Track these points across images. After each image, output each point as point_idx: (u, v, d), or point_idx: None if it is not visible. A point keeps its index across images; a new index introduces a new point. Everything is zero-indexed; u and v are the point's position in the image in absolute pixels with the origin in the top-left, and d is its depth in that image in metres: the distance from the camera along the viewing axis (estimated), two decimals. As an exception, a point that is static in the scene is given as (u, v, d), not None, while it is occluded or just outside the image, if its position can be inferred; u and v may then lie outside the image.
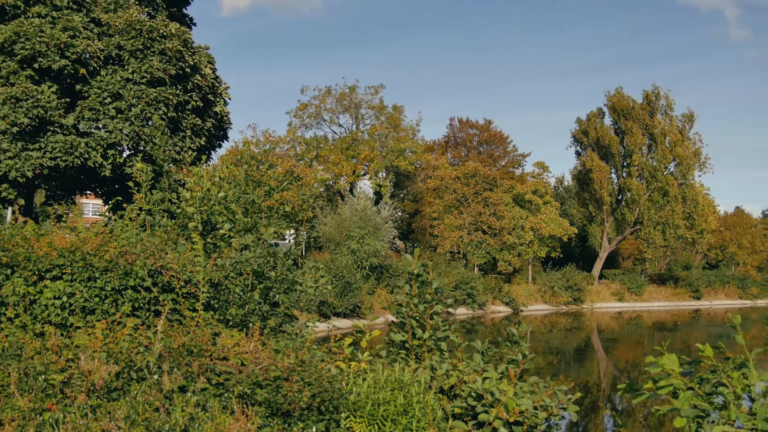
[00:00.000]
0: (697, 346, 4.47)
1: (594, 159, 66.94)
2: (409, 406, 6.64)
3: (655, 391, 4.49)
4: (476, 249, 57.62)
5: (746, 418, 4.11)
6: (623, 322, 55.36)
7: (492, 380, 7.19)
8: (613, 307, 65.19)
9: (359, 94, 58.45)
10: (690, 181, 67.43)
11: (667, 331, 48.19)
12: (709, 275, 76.44)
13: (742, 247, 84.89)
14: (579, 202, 72.03)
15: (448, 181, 58.85)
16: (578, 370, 31.16)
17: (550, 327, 49.00)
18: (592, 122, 69.28)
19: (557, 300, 60.62)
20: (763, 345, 4.52)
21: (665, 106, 68.09)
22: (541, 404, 7.29)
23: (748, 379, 4.42)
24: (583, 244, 76.41)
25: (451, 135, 77.82)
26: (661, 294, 71.31)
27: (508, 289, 57.54)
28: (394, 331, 8.62)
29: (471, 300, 51.39)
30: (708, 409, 4.36)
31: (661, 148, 66.35)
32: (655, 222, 65.96)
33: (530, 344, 37.37)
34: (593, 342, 42.49)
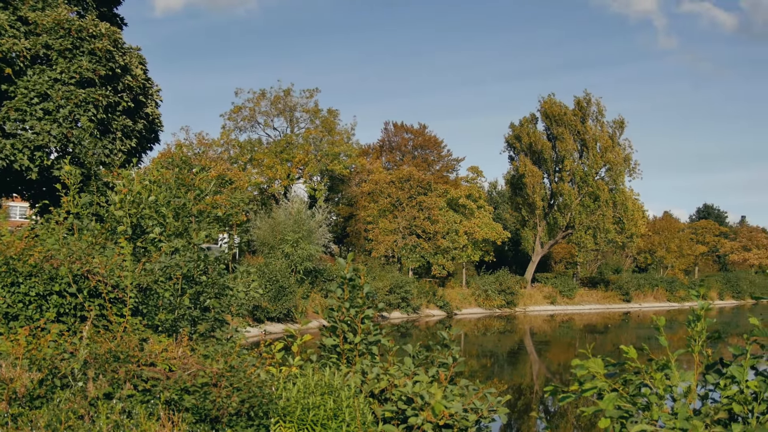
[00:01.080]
0: (621, 348, 4.54)
1: (527, 164, 67.70)
2: (339, 411, 6.61)
3: (581, 393, 4.54)
4: (411, 253, 57.80)
5: (668, 418, 4.19)
6: (555, 324, 56.10)
7: (422, 384, 7.21)
8: (545, 310, 65.99)
9: (294, 98, 58.24)
10: (620, 186, 68.64)
11: (598, 334, 48.97)
12: (638, 278, 77.92)
13: (670, 250, 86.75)
14: (512, 207, 72.75)
15: (382, 185, 58.93)
16: (511, 373, 31.45)
17: (483, 330, 49.38)
18: (525, 127, 70.02)
19: (491, 303, 61.12)
20: (685, 346, 4.60)
21: (596, 113, 69.24)
22: (471, 407, 7.33)
23: (670, 380, 4.49)
24: (516, 248, 77.21)
25: (386, 139, 78.03)
26: (592, 297, 72.44)
27: (442, 293, 57.82)
28: (326, 335, 8.59)
29: (405, 304, 51.50)
30: (631, 409, 4.43)
31: (592, 154, 67.43)
32: (586, 226, 67.01)
33: (464, 347, 37.80)
34: (526, 345, 42.95)
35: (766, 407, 4.24)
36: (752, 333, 4.41)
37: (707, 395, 4.57)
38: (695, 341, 4.58)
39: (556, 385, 4.66)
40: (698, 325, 4.58)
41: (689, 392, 4.51)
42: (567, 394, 4.55)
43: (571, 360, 4.71)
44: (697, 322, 4.58)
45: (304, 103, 58.31)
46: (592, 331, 50.81)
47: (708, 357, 4.61)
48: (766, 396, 4.21)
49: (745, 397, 4.26)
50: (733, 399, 4.28)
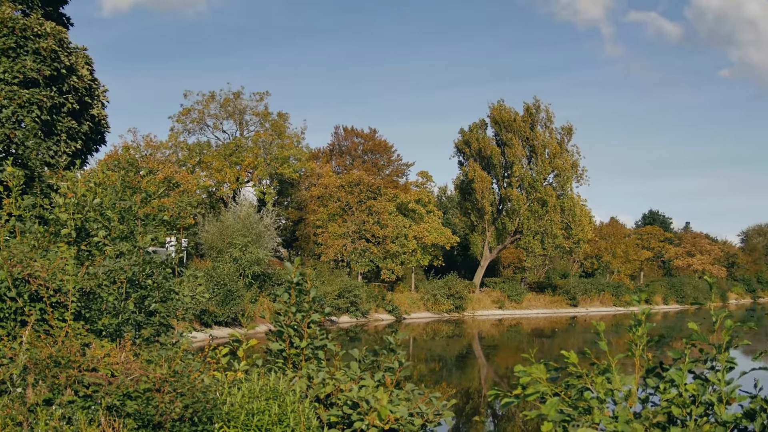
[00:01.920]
0: (563, 352, 4.58)
1: (476, 169, 68.09)
2: (284, 416, 6.58)
3: (524, 398, 4.58)
4: (360, 257, 57.79)
5: (608, 421, 4.23)
6: (503, 329, 56.54)
7: (368, 388, 7.20)
8: (493, 314, 66.44)
9: (244, 101, 57.88)
10: (568, 192, 69.36)
11: (546, 338, 49.45)
12: (585, 283, 78.85)
13: (617, 256, 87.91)
14: (461, 212, 73.11)
15: (332, 189, 58.87)
16: (460, 377, 31.61)
17: (432, 334, 49.58)
18: (474, 133, 70.43)
19: (439, 308, 61.37)
20: (625, 350, 4.66)
21: (545, 119, 69.92)
22: (417, 411, 7.35)
23: (611, 384, 4.55)
24: (465, 252, 77.63)
25: (336, 143, 77.98)
26: (540, 301, 73.11)
27: (391, 297, 57.92)
28: (272, 340, 8.55)
29: (354, 308, 51.48)
30: (573, 413, 4.47)
31: (540, 160, 68.07)
32: (534, 231, 67.60)
33: (413, 352, 37.86)
34: (474, 349, 43.19)
35: (704, 410, 4.31)
36: (691, 338, 4.48)
37: (648, 398, 4.63)
38: (636, 345, 4.64)
39: (499, 389, 4.69)
40: (639, 329, 4.64)
41: (630, 396, 4.57)
42: (510, 399, 4.58)
43: (519, 364, 4.75)
44: (638, 327, 4.64)
45: (254, 106, 58.02)
46: (539, 336, 51.27)
47: (648, 361, 4.68)
48: (704, 399, 4.28)
49: (684, 400, 4.32)
50: (672, 402, 4.34)
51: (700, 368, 4.53)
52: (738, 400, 4.31)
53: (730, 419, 4.16)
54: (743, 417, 4.17)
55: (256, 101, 57.94)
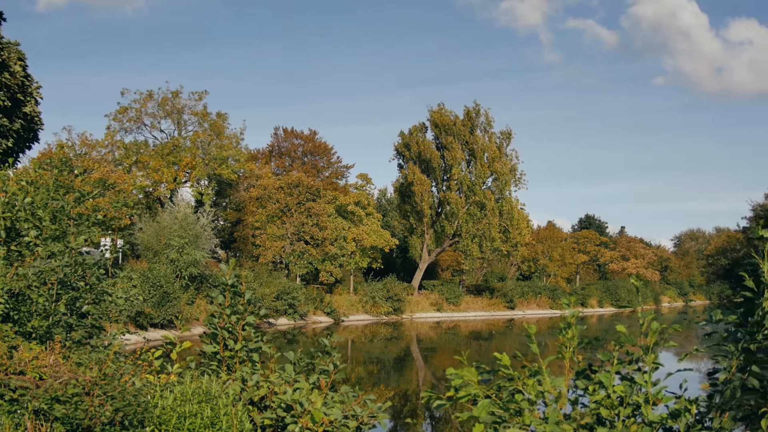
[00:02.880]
0: (494, 355, 4.62)
1: (415, 172, 68.26)
2: (217, 419, 6.51)
3: (456, 400, 4.60)
4: (298, 259, 57.53)
5: (539, 422, 4.28)
6: (441, 331, 56.80)
7: (303, 391, 7.18)
8: (432, 317, 66.70)
9: (182, 100, 57.17)
10: (506, 196, 69.94)
11: (483, 340, 49.81)
12: (522, 286, 79.66)
13: (553, 259, 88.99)
14: (401, 214, 73.25)
15: (271, 190, 58.49)
16: (398, 379, 31.65)
17: (370, 337, 49.58)
18: (414, 136, 70.60)
19: (378, 310, 61.40)
20: (552, 353, 4.71)
21: (485, 123, 70.42)
22: (352, 413, 7.34)
23: (542, 386, 4.59)
24: (404, 255, 77.82)
25: (276, 144, 77.57)
26: (478, 304, 73.63)
27: (329, 300, 57.76)
28: (206, 342, 8.46)
29: (293, 310, 51.22)
30: (504, 415, 4.50)
31: (479, 164, 68.55)
32: (472, 234, 68.02)
33: (351, 354, 37.81)
34: (412, 351, 43.32)
35: (632, 411, 4.38)
36: (619, 340, 4.55)
37: (578, 400, 4.69)
38: (566, 348, 4.69)
39: (432, 391, 4.71)
40: (569, 332, 4.69)
41: (560, 397, 4.62)
42: (442, 401, 4.60)
43: (456, 366, 4.77)
44: (568, 330, 4.70)
45: (192, 105, 57.35)
46: (477, 338, 51.62)
47: (578, 363, 4.74)
48: (631, 400, 4.35)
49: (612, 401, 4.39)
50: (601, 403, 4.40)
51: (629, 370, 4.60)
52: (664, 401, 4.39)
53: (656, 419, 4.24)
54: (669, 417, 4.26)
55: (195, 101, 57.33)
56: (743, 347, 3.99)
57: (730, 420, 4.01)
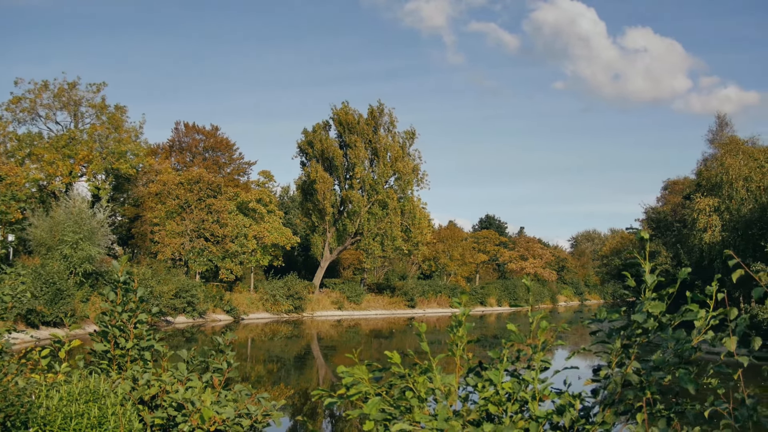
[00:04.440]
0: (385, 353, 4.64)
1: (318, 170, 68.11)
2: (104, 419, 6.35)
3: (347, 398, 4.60)
4: (198, 256, 56.76)
5: (428, 419, 4.31)
6: (342, 330, 56.85)
7: (195, 389, 7.07)
8: (333, 315, 66.75)
9: (80, 91, 55.49)
10: (408, 195, 70.50)
11: (383, 338, 50.07)
12: (423, 285, 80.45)
13: (454, 258, 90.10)
14: (303, 212, 72.98)
15: (171, 186, 57.50)
16: (298, 378, 31.56)
17: (271, 335, 49.27)
18: (318, 134, 70.42)
19: (279, 308, 61.13)
20: (446, 351, 4.76)
21: (388, 123, 70.77)
22: (245, 412, 7.28)
23: (432, 383, 4.63)
24: (306, 253, 77.60)
25: (177, 139, 76.21)
26: (379, 303, 74.01)
27: (229, 298, 57.19)
28: (97, 340, 8.24)
29: (191, 308, 50.50)
30: (395, 412, 4.52)
31: (382, 163, 68.88)
32: (374, 233, 68.29)
33: (251, 352, 37.51)
34: (313, 349, 43.24)
35: (519, 407, 4.45)
36: (509, 338, 4.63)
37: (468, 397, 4.75)
38: (457, 346, 4.74)
39: (323, 389, 4.71)
40: (459, 330, 4.75)
41: (450, 394, 4.67)
42: (333, 399, 4.60)
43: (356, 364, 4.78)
44: (459, 328, 4.75)
45: (90, 97, 55.73)
46: (377, 336, 51.85)
47: (469, 361, 4.79)
48: (519, 396, 4.43)
49: (500, 398, 4.45)
50: (489, 400, 4.46)
51: (518, 367, 4.68)
52: (551, 397, 4.48)
53: (543, 415, 4.32)
54: (554, 413, 4.35)
55: (93, 93, 55.73)
56: (623, 344, 4.11)
57: (612, 414, 4.12)
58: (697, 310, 3.85)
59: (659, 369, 3.82)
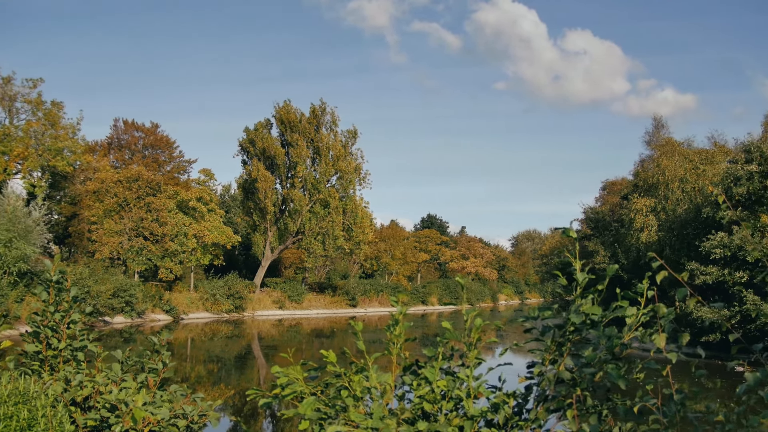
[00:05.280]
0: (321, 352, 4.63)
1: (260, 169, 67.74)
2: (34, 421, 6.22)
3: (282, 398, 4.58)
4: (137, 255, 55.99)
5: (363, 418, 4.30)
6: (283, 329, 56.63)
7: (129, 390, 6.96)
8: (274, 314, 66.45)
9: (15, 87, 54.23)
10: (350, 195, 70.53)
11: (325, 338, 50.03)
12: (364, 284, 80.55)
13: (396, 258, 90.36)
14: (244, 211, 72.51)
15: (109, 184, 56.63)
16: (239, 378, 31.36)
17: (211, 335, 48.88)
18: (259, 132, 70.03)
19: (219, 308, 60.67)
20: (383, 350, 4.76)
21: (330, 121, 70.70)
22: (181, 413, 7.19)
23: (368, 382, 4.63)
24: (247, 252, 77.14)
25: (115, 136, 75.05)
26: (320, 302, 73.90)
27: (169, 297, 56.58)
28: (28, 341, 8.07)
29: (130, 308, 49.80)
30: (330, 412, 4.51)
31: (324, 162, 68.80)
32: (316, 232, 68.19)
33: (191, 353, 37.14)
34: (254, 349, 43.00)
35: (454, 405, 4.47)
36: (444, 336, 4.64)
37: (404, 395, 4.75)
38: (394, 344, 4.75)
39: (258, 389, 4.68)
40: (396, 329, 4.75)
41: (386, 393, 4.67)
42: (268, 399, 4.57)
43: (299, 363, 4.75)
44: (395, 327, 4.75)
45: (25, 93, 54.51)
46: (318, 336, 51.78)
47: (405, 359, 4.80)
48: (453, 394, 4.45)
49: (435, 396, 4.47)
50: (424, 398, 4.48)
51: (453, 365, 4.70)
52: (486, 395, 4.51)
53: (477, 413, 4.35)
54: (489, 410, 4.38)
55: (29, 88, 54.51)
56: (556, 341, 4.16)
57: (544, 411, 4.16)
58: (627, 307, 3.91)
59: (590, 365, 3.87)
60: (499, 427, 4.33)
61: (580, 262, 4.10)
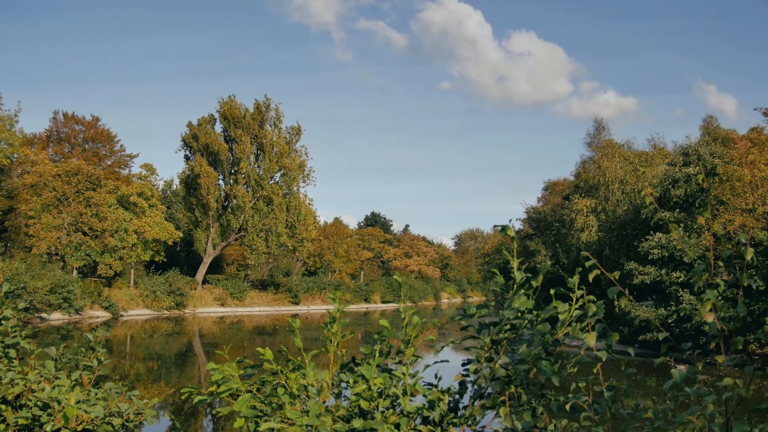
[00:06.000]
0: (258, 350, 4.60)
1: (203, 164, 67.23)
2: (-39, 420, 6.07)
3: (217, 395, 4.54)
4: (76, 251, 55.06)
5: (298, 416, 4.29)
6: (225, 326, 56.24)
7: (64, 388, 6.84)
8: (215, 311, 65.97)
9: (-51, 78, 53.12)
10: (294, 192, 70.42)
11: (267, 335, 49.82)
12: (307, 281, 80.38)
13: (339, 255, 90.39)
14: (186, 207, 71.84)
15: (47, 177, 55.58)
16: (179, 375, 31.07)
17: (151, 332, 48.33)
18: (203, 127, 69.50)
19: (160, 305, 60.04)
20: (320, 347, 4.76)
21: (275, 118, 70.49)
22: (116, 411, 7.08)
23: (305, 380, 4.62)
24: (188, 248, 76.43)
25: (54, 129, 73.66)
26: (263, 299, 73.55)
27: (108, 294, 55.79)
28: (-43, 338, 7.87)
29: (68, 304, 48.95)
30: (266, 409, 4.49)
31: (268, 158, 68.55)
32: (258, 229, 67.89)
33: (131, 350, 36.71)
34: (195, 347, 42.63)
35: (391, 402, 4.48)
36: (381, 334, 4.66)
37: (341, 393, 4.75)
38: (331, 342, 4.75)
39: (192, 386, 4.63)
40: (333, 326, 4.75)
41: (323, 391, 4.66)
42: (203, 397, 4.53)
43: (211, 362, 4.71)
44: (333, 324, 4.75)
45: (-40, 84, 53.38)
46: (260, 333, 51.56)
47: (342, 357, 4.81)
48: (390, 392, 4.46)
49: (372, 393, 4.47)
50: (361, 396, 4.48)
51: (390, 362, 4.71)
52: (423, 393, 4.52)
53: (413, 410, 4.36)
54: (425, 407, 4.40)
55: (-36, 79, 53.37)
56: (492, 339, 4.19)
57: (480, 408, 4.19)
58: (560, 304, 3.96)
59: (524, 362, 3.91)
60: (435, 424, 4.35)
61: (518, 260, 4.13)
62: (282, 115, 70.65)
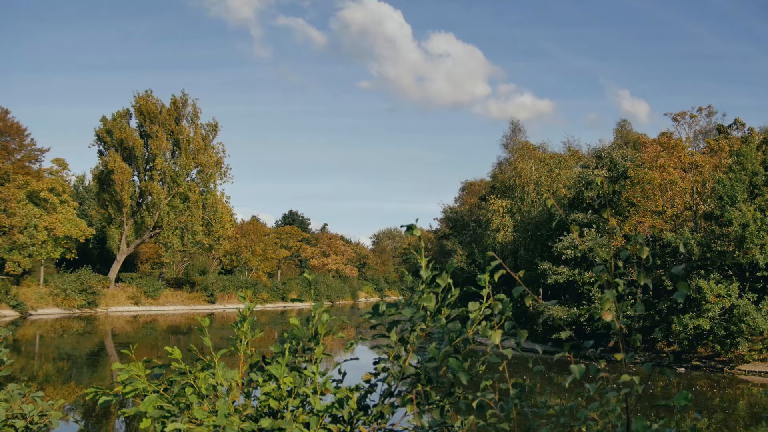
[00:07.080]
0: (166, 349, 4.54)
1: (117, 160, 66.01)
2: None
3: (123, 396, 4.46)
4: (-18, 248, 53.50)
5: (206, 416, 4.25)
6: (139, 326, 55.34)
7: (-37, 389, 6.62)
8: (129, 310, 64.86)
9: None
10: (211, 189, 69.76)
11: (182, 335, 49.20)
12: (224, 280, 79.62)
13: (256, 254, 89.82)
14: (99, 203, 70.46)
15: (-48, 172, 53.86)
16: (91, 376, 30.49)
17: (61, 332, 47.26)
18: (117, 122, 68.22)
19: (71, 303, 58.73)
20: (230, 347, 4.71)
21: (192, 114, 69.74)
22: (19, 413, 6.89)
23: (214, 379, 4.57)
24: (101, 246, 74.89)
25: (-39, 122, 71.31)
26: (178, 298, 72.62)
27: (16, 292, 54.31)
28: None
29: (-27, 303, 47.53)
30: (174, 409, 4.43)
31: (185, 155, 67.74)
32: (174, 227, 67.01)
33: (40, 350, 35.75)
34: (107, 346, 41.85)
35: (301, 401, 4.47)
36: (291, 332, 4.64)
37: (251, 392, 4.72)
38: (241, 341, 4.71)
39: (98, 387, 4.53)
40: (244, 325, 4.72)
41: (233, 390, 4.62)
42: (108, 397, 4.44)
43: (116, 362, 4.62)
44: (243, 323, 4.72)
45: None
46: (175, 332, 50.91)
47: (251, 356, 4.77)
48: (300, 391, 4.44)
49: (281, 392, 4.45)
50: (270, 395, 4.46)
51: (300, 361, 4.70)
52: (333, 391, 4.52)
53: (323, 408, 4.36)
54: (334, 406, 4.40)
55: None
56: (400, 337, 4.21)
57: (389, 407, 4.21)
58: (471, 304, 4.00)
59: (433, 360, 3.94)
60: (345, 423, 4.36)
61: (426, 259, 4.16)
62: (199, 111, 69.97)
